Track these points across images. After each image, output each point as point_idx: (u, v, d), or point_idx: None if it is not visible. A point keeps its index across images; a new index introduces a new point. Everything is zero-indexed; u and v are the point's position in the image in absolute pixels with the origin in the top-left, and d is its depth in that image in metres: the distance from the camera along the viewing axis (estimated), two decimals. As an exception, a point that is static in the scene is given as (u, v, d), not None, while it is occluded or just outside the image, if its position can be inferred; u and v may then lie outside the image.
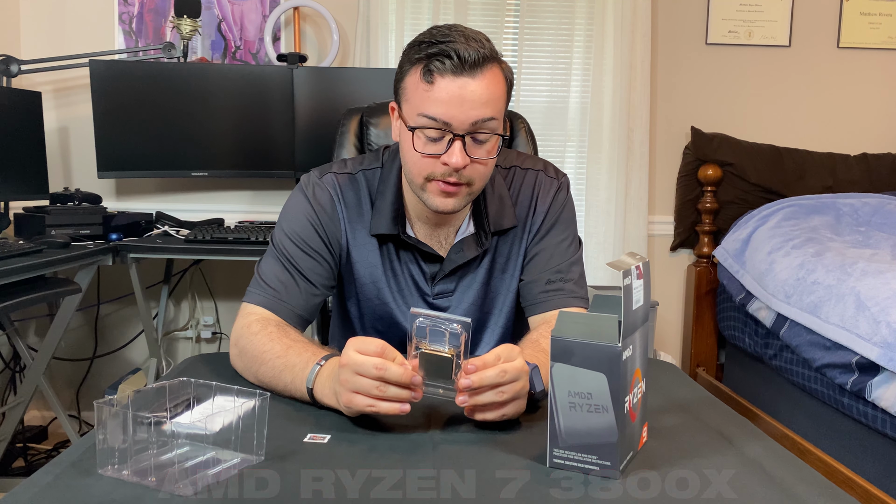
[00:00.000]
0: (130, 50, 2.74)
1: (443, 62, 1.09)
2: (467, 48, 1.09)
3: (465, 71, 1.09)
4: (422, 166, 1.16)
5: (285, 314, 1.21)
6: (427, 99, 1.11)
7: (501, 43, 2.87)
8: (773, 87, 3.03)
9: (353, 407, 0.94)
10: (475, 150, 1.14)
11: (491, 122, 1.13)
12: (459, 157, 1.12)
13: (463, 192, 1.17)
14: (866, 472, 1.88)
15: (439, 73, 1.10)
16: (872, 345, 1.80)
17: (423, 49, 1.12)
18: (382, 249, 1.28)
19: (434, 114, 1.11)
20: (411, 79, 1.14)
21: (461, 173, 1.14)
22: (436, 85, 1.10)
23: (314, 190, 1.27)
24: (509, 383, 0.94)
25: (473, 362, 0.93)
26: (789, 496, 0.80)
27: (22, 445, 2.61)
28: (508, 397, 0.95)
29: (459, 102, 1.10)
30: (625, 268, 0.83)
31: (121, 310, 2.90)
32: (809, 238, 2.40)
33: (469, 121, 1.11)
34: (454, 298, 1.29)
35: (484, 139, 1.14)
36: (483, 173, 1.18)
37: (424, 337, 0.96)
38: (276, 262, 1.25)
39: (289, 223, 1.27)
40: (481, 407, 0.96)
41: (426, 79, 1.11)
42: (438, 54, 1.10)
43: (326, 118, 2.55)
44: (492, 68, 1.12)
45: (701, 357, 2.98)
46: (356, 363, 0.92)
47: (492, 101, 1.12)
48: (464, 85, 1.10)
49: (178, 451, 0.85)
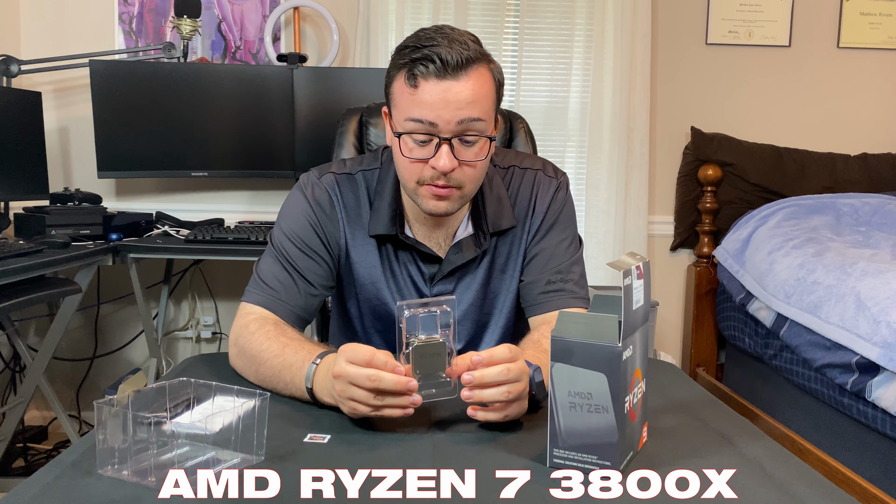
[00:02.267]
0: (130, 50, 2.74)
1: (426, 66, 1.09)
2: (450, 51, 1.09)
3: (449, 73, 1.09)
4: (412, 171, 1.16)
5: (284, 314, 1.21)
6: (412, 103, 1.11)
7: (501, 43, 2.87)
8: (773, 87, 3.03)
9: (356, 414, 0.95)
10: (463, 152, 1.14)
11: (478, 122, 1.12)
12: (447, 160, 1.12)
13: (455, 196, 1.17)
14: (866, 472, 1.88)
15: (423, 76, 1.10)
16: (872, 345, 1.80)
17: (407, 54, 1.12)
18: (381, 250, 1.28)
19: (419, 116, 1.11)
20: (397, 84, 1.14)
21: (450, 177, 1.14)
22: (420, 88, 1.10)
23: (313, 190, 1.27)
24: (513, 382, 0.94)
25: (480, 355, 0.93)
26: (789, 496, 0.80)
27: (22, 445, 2.61)
28: (513, 397, 0.94)
29: (444, 104, 1.10)
30: (625, 268, 0.83)
31: (121, 310, 2.90)
32: (809, 238, 2.40)
33: (454, 121, 1.11)
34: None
35: (472, 141, 1.14)
36: (473, 176, 1.17)
37: (416, 328, 0.96)
38: (274, 261, 1.25)
39: (287, 223, 1.27)
40: (484, 407, 0.96)
41: (410, 83, 1.11)
42: (422, 59, 1.10)
43: (326, 118, 2.55)
44: (477, 69, 1.12)
45: (701, 357, 2.98)
46: (349, 375, 0.92)
47: (478, 102, 1.12)
48: (448, 87, 1.10)
49: (178, 451, 0.85)
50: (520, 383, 0.95)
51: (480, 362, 0.92)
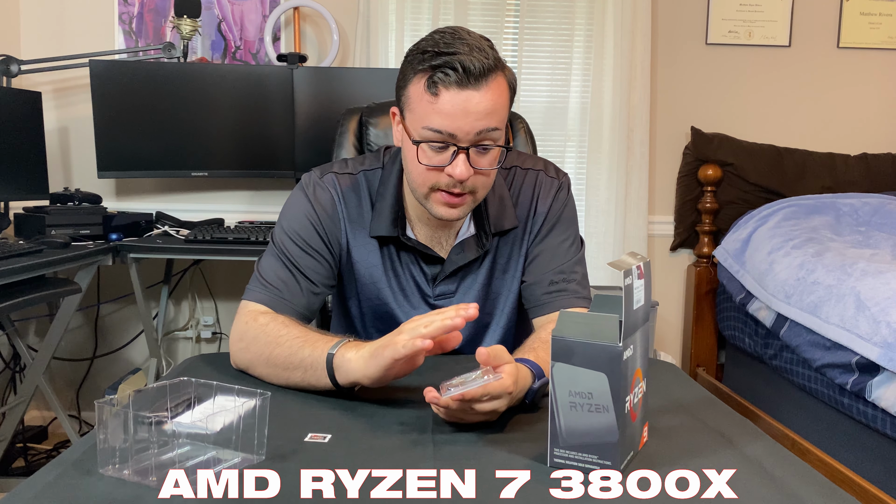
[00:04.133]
0: (130, 50, 2.74)
1: (447, 74, 1.09)
2: (472, 59, 1.08)
3: (471, 84, 1.09)
4: (426, 178, 1.16)
5: (287, 312, 1.20)
6: (432, 111, 1.11)
7: (501, 43, 2.87)
8: (773, 87, 3.03)
9: (408, 332, 0.95)
10: (479, 160, 1.14)
11: (494, 132, 1.13)
12: (464, 168, 1.12)
13: (468, 201, 1.18)
14: (866, 472, 1.88)
15: (444, 85, 1.09)
16: (872, 345, 1.80)
17: (427, 59, 1.11)
18: (383, 250, 1.28)
19: (439, 126, 1.11)
20: (415, 89, 1.13)
21: (465, 184, 1.14)
22: (440, 97, 1.10)
23: (315, 189, 1.28)
24: (486, 402, 0.93)
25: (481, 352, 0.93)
26: (789, 496, 0.80)
27: (22, 445, 2.61)
28: (476, 413, 0.94)
29: (464, 115, 1.10)
30: (625, 268, 0.83)
31: (121, 310, 2.90)
32: (809, 238, 2.40)
33: (473, 132, 1.11)
34: (455, 299, 1.29)
35: (488, 149, 1.14)
36: (486, 183, 1.18)
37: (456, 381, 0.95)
38: (276, 260, 1.25)
39: (289, 222, 1.27)
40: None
41: (431, 91, 1.10)
42: (443, 66, 1.09)
43: (326, 118, 2.55)
44: (496, 78, 1.12)
45: (701, 357, 2.98)
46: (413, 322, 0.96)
47: (496, 112, 1.12)
48: (469, 98, 1.09)
49: (178, 450, 0.85)
50: (496, 401, 0.93)
51: (486, 357, 0.92)
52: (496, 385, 0.92)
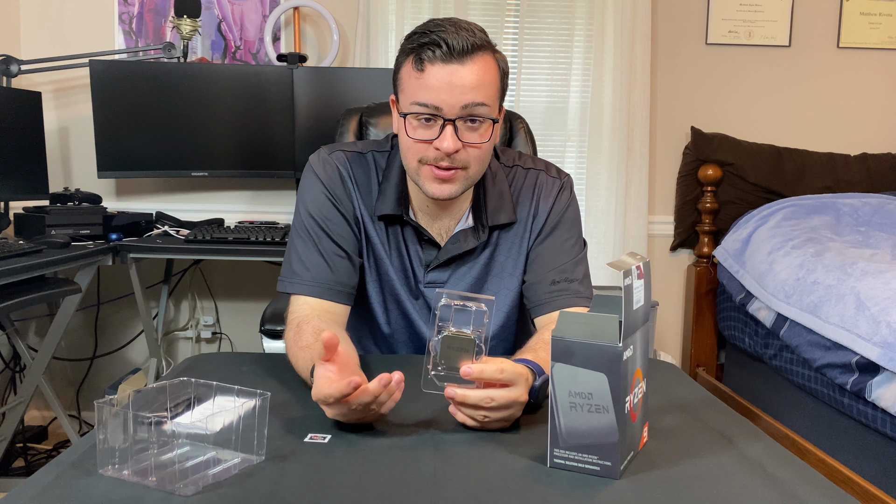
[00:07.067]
0: (130, 50, 2.74)
1: (433, 51, 1.12)
2: (457, 37, 1.12)
3: (455, 58, 1.12)
4: (415, 150, 1.18)
5: (332, 296, 1.22)
6: (419, 87, 1.14)
7: (502, 43, 2.86)
8: (773, 87, 3.02)
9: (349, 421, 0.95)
10: (468, 134, 1.16)
11: (482, 107, 1.14)
12: (451, 141, 1.14)
13: (459, 177, 1.18)
14: (866, 472, 1.88)
15: (429, 61, 1.13)
16: (872, 345, 1.80)
17: (415, 40, 1.15)
18: (388, 230, 1.30)
19: (425, 100, 1.13)
20: (405, 69, 1.17)
21: (455, 157, 1.16)
22: (426, 72, 1.13)
23: (324, 167, 1.30)
24: (493, 410, 0.94)
25: (472, 367, 0.92)
26: (789, 496, 0.80)
27: (22, 445, 2.61)
28: (490, 421, 0.95)
29: (449, 88, 1.12)
30: (625, 268, 0.83)
31: (121, 310, 2.90)
32: (809, 238, 2.40)
33: (459, 105, 1.13)
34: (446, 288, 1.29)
35: (476, 123, 1.15)
36: (478, 156, 1.18)
37: (449, 318, 0.97)
38: (305, 244, 1.26)
39: (307, 205, 1.28)
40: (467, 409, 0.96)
41: (417, 67, 1.14)
42: (429, 43, 1.12)
43: (326, 118, 2.55)
44: (483, 56, 1.14)
45: (701, 357, 2.98)
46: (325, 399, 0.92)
47: (482, 87, 1.14)
48: (453, 71, 1.12)
49: (178, 450, 0.85)
50: (502, 412, 0.94)
51: (469, 374, 0.92)
52: (506, 395, 0.93)
